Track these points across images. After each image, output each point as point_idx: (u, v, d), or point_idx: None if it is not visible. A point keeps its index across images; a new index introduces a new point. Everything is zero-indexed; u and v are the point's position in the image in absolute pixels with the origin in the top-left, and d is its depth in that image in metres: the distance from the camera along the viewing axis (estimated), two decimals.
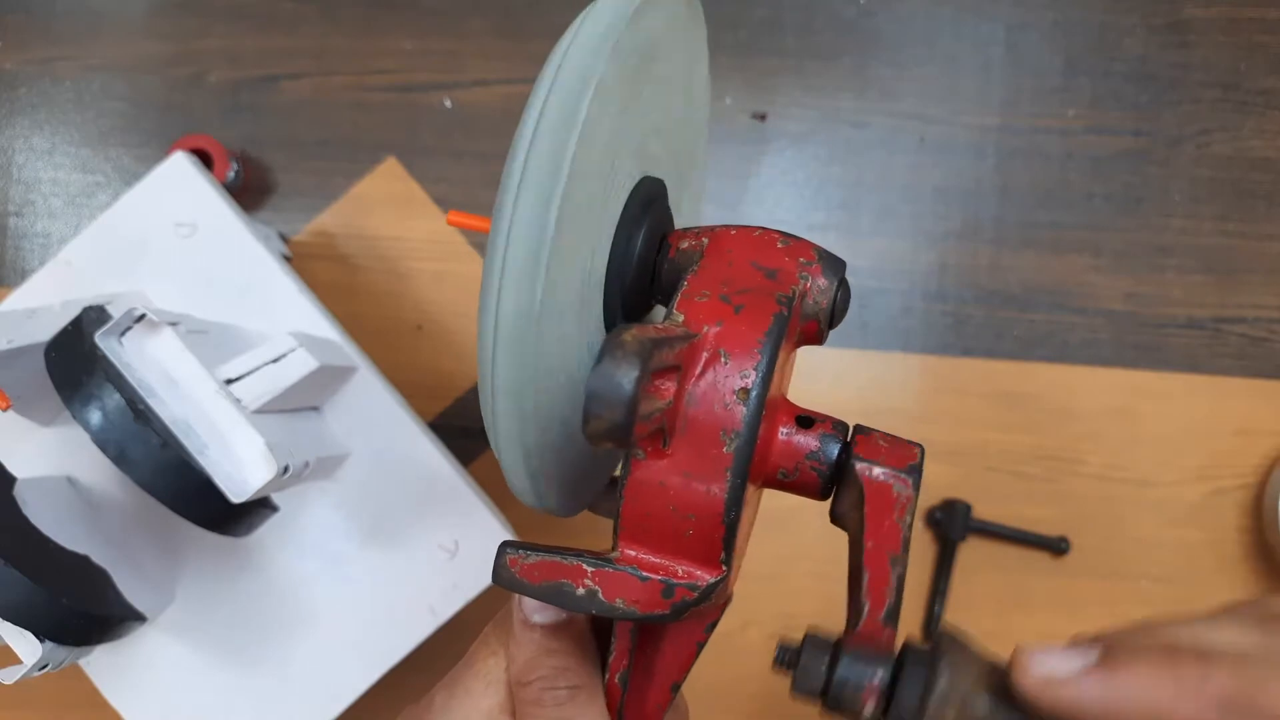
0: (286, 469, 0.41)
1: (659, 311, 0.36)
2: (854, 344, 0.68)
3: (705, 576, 0.27)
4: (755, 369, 0.26)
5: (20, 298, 0.51)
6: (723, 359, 0.26)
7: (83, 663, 0.50)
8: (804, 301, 0.29)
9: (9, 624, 0.40)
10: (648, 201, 0.32)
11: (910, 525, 0.29)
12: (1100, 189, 0.69)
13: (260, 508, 0.46)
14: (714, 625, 0.30)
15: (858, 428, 0.30)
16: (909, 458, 0.29)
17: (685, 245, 0.32)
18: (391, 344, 0.67)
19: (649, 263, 0.32)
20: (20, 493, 0.44)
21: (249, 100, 0.69)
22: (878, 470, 0.28)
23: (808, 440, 0.29)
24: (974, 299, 0.68)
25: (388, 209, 0.68)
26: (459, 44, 0.69)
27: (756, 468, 0.28)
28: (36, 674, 0.41)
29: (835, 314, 0.30)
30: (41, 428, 0.49)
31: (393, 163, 0.68)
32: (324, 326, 0.51)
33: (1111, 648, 0.27)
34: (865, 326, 0.68)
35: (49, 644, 0.41)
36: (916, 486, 0.28)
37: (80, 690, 0.53)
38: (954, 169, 0.69)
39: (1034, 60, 0.69)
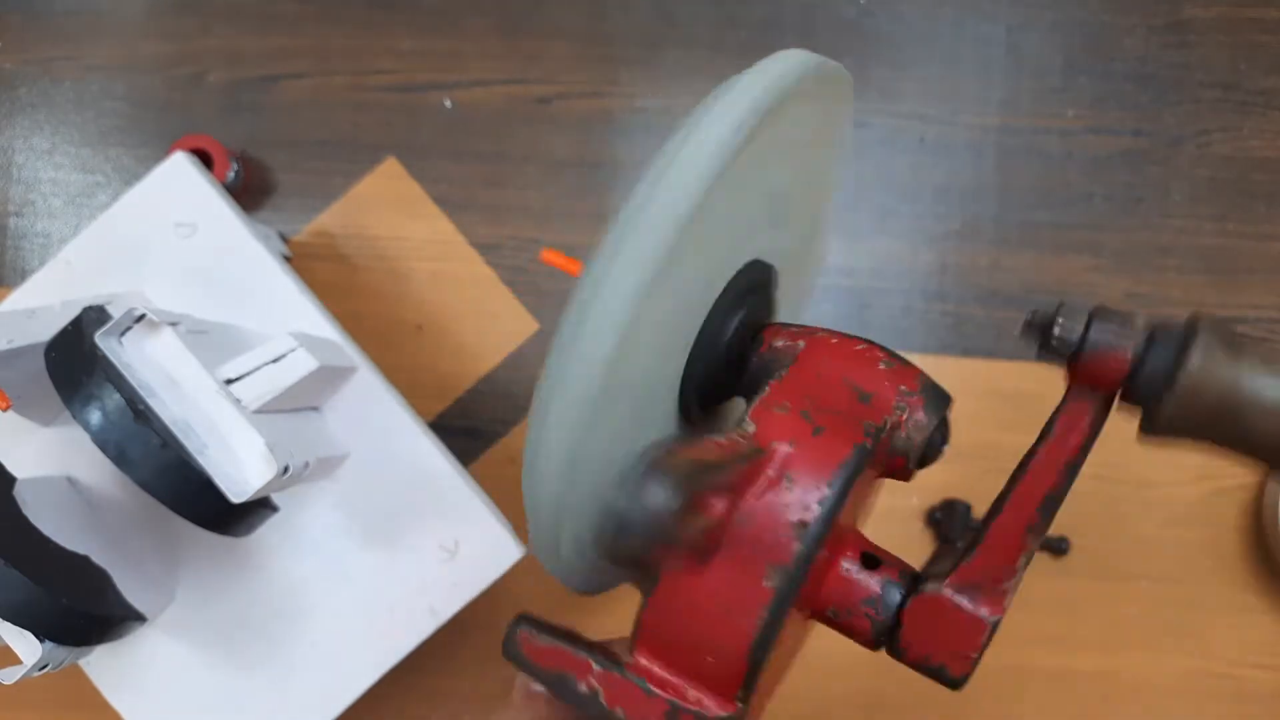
0: (286, 469, 0.41)
1: (738, 405, 0.33)
2: None
3: (716, 709, 0.24)
4: (820, 503, 0.23)
5: (20, 298, 0.51)
6: (787, 483, 0.24)
7: (83, 663, 0.50)
8: (895, 434, 0.26)
9: (9, 624, 0.40)
10: (750, 289, 0.30)
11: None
12: (1100, 189, 0.69)
13: (260, 508, 0.46)
14: None
15: (922, 581, 0.25)
16: (965, 651, 0.25)
17: (780, 343, 0.29)
18: (391, 344, 0.67)
19: (738, 352, 0.30)
20: (20, 493, 0.44)
21: (249, 100, 0.68)
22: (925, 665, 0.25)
23: (868, 582, 0.26)
24: (974, 299, 0.68)
25: (388, 209, 0.68)
26: (459, 44, 0.69)
27: (806, 598, 0.25)
28: (36, 674, 0.41)
29: (929, 454, 0.27)
30: (41, 428, 0.49)
31: (393, 163, 0.68)
32: (324, 326, 0.51)
33: None
34: (865, 326, 0.68)
35: (49, 644, 0.41)
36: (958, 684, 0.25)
37: (80, 690, 0.53)
38: (954, 169, 0.69)
39: (1034, 60, 0.69)
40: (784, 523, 0.23)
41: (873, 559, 0.26)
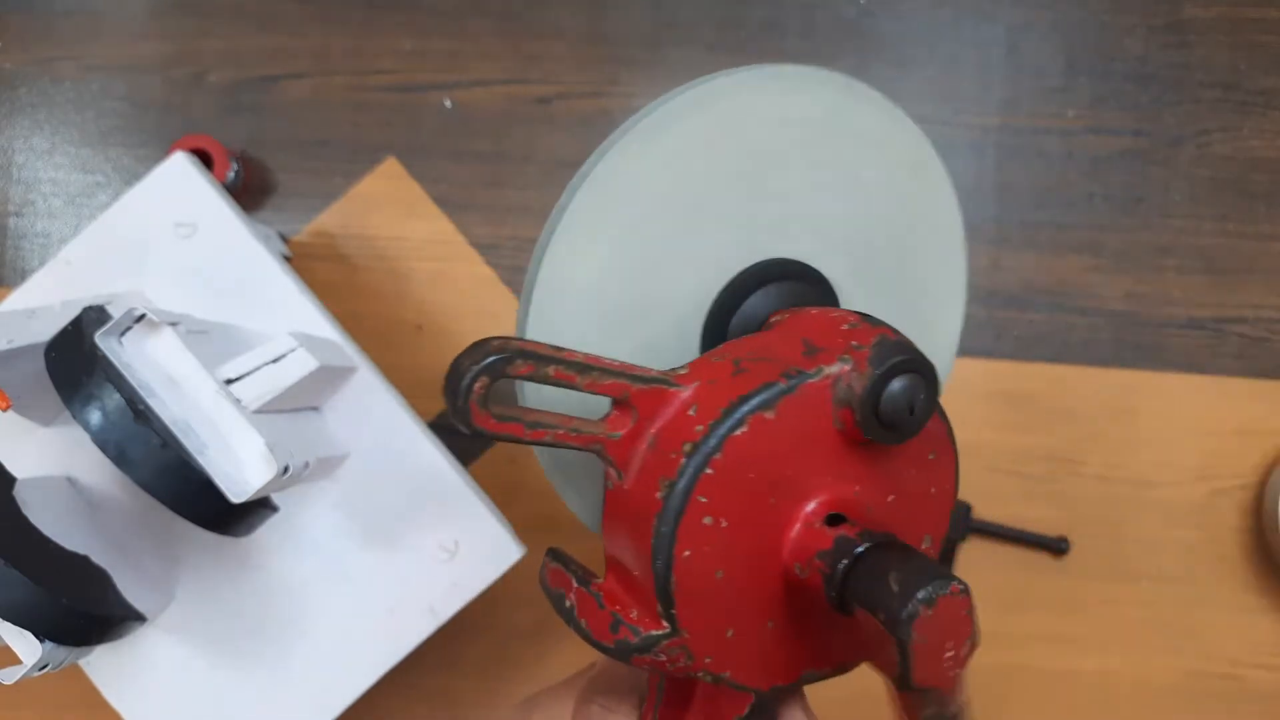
0: (286, 469, 0.41)
1: None
2: None
3: (650, 627, 0.26)
4: (710, 425, 0.25)
5: (20, 298, 0.51)
6: (691, 412, 0.26)
7: (83, 663, 0.50)
8: (837, 385, 0.26)
9: (9, 624, 0.40)
10: (772, 278, 0.31)
11: None
12: (1100, 189, 0.69)
13: (260, 508, 0.46)
14: None
15: (887, 545, 0.25)
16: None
17: (774, 319, 0.31)
18: (391, 344, 0.67)
19: (748, 333, 0.31)
20: (20, 493, 0.44)
21: (249, 100, 0.69)
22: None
23: (824, 536, 0.26)
24: (974, 299, 0.68)
25: (388, 209, 0.68)
26: (459, 44, 0.69)
27: (751, 547, 0.26)
28: (36, 674, 0.41)
29: (884, 410, 0.26)
30: (41, 428, 0.49)
31: (393, 163, 0.68)
32: (324, 326, 0.51)
33: None
34: None
35: (49, 644, 0.41)
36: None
37: (80, 690, 0.53)
38: (954, 169, 0.68)
39: (1034, 60, 0.69)
40: (677, 442, 0.25)
41: (837, 517, 0.27)
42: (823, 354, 0.27)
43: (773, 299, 0.31)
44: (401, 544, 0.51)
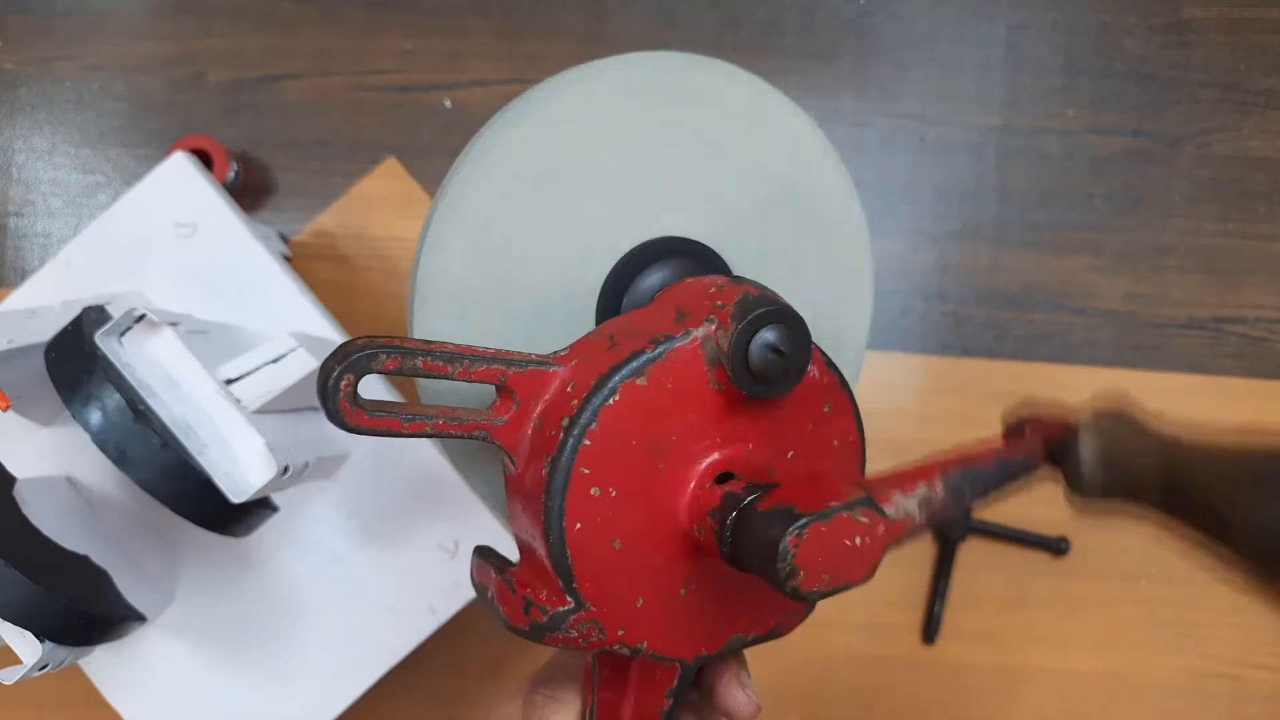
0: (286, 469, 0.41)
1: None
2: None
3: (556, 604, 0.27)
4: (584, 398, 0.26)
5: (20, 298, 0.51)
6: (568, 389, 0.26)
7: (83, 663, 0.50)
8: (705, 344, 0.27)
9: (9, 624, 0.40)
10: (654, 258, 0.32)
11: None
12: (1100, 189, 0.69)
13: (260, 508, 0.46)
14: (674, 693, 0.29)
15: (760, 494, 0.26)
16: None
17: (658, 295, 0.31)
18: None
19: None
20: (20, 493, 0.44)
21: (249, 100, 0.69)
22: None
23: (713, 494, 0.27)
24: (974, 299, 0.68)
25: (388, 209, 0.68)
26: (459, 44, 0.69)
27: (666, 522, 0.27)
28: (36, 674, 0.41)
29: (754, 361, 0.26)
30: (41, 428, 0.49)
31: (393, 163, 0.68)
32: (324, 326, 0.51)
33: None
34: None
35: (49, 644, 0.41)
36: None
37: (80, 690, 0.53)
38: (954, 169, 0.69)
39: (1034, 60, 0.69)
40: (556, 418, 0.26)
41: (727, 474, 0.28)
42: (689, 317, 0.27)
43: (662, 277, 0.32)
44: (401, 544, 0.51)
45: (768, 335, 0.26)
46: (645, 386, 0.26)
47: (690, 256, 0.33)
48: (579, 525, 0.26)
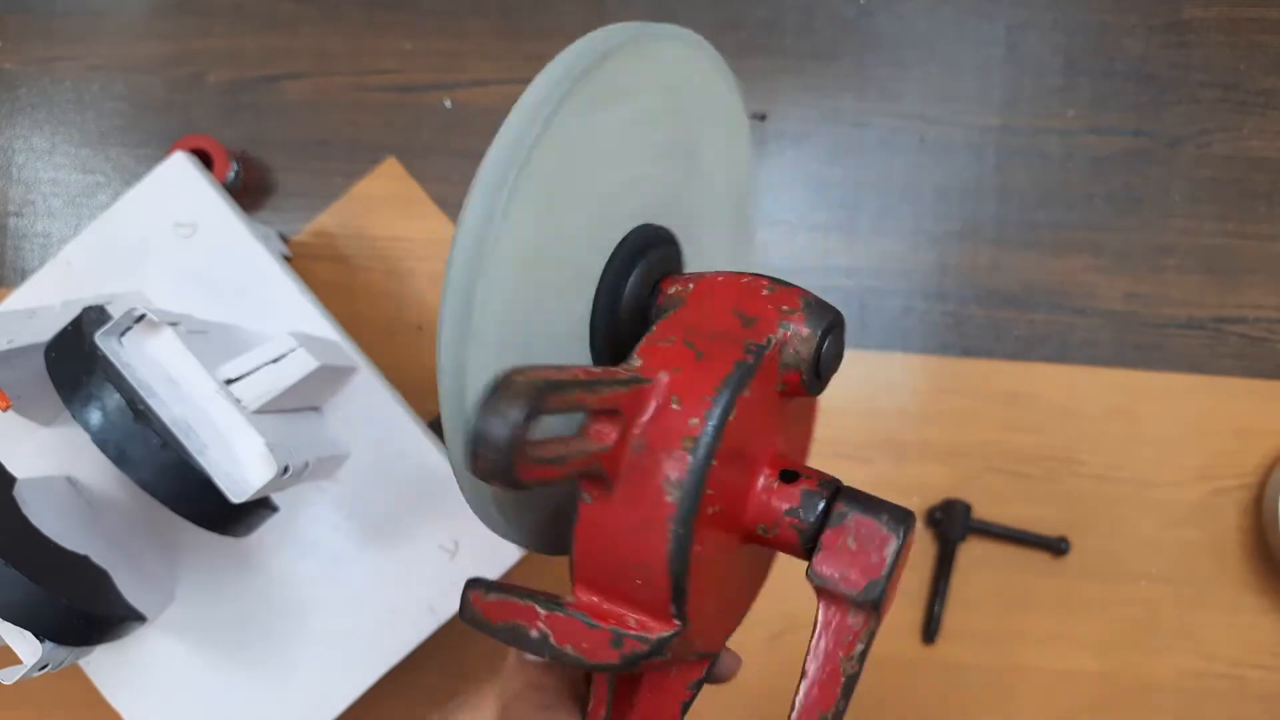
0: (286, 469, 0.41)
1: None
2: (854, 344, 0.68)
3: (657, 629, 0.25)
4: (705, 416, 0.25)
5: (20, 298, 0.51)
6: (674, 405, 0.25)
7: (83, 663, 0.50)
8: (784, 351, 0.27)
9: (9, 624, 0.40)
10: (642, 248, 0.31)
11: (862, 659, 0.27)
12: (1100, 189, 0.69)
13: (260, 508, 0.46)
14: (699, 684, 0.29)
15: (842, 491, 0.27)
16: (875, 567, 0.26)
17: (674, 290, 0.31)
18: (391, 344, 0.67)
19: (637, 306, 0.31)
20: (20, 493, 0.44)
21: (249, 100, 0.69)
22: (835, 585, 0.26)
23: (788, 495, 0.27)
24: (974, 299, 0.68)
25: (388, 209, 0.68)
26: (459, 44, 0.69)
27: (732, 521, 0.27)
28: (36, 674, 0.41)
29: (822, 366, 0.28)
30: (41, 428, 0.49)
31: (393, 163, 0.68)
32: (324, 326, 0.51)
33: None
34: (865, 326, 0.68)
35: (49, 644, 0.41)
36: (877, 604, 0.27)
37: (80, 690, 0.53)
38: (954, 169, 0.69)
39: (1034, 60, 0.69)
40: (675, 440, 0.25)
41: (791, 474, 0.28)
42: (760, 322, 0.28)
43: (650, 268, 0.32)
44: (401, 544, 0.51)
45: (833, 338, 0.28)
46: (749, 398, 0.26)
47: (666, 244, 0.33)
48: (699, 546, 0.25)
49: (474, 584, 0.27)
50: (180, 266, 0.51)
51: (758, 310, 0.28)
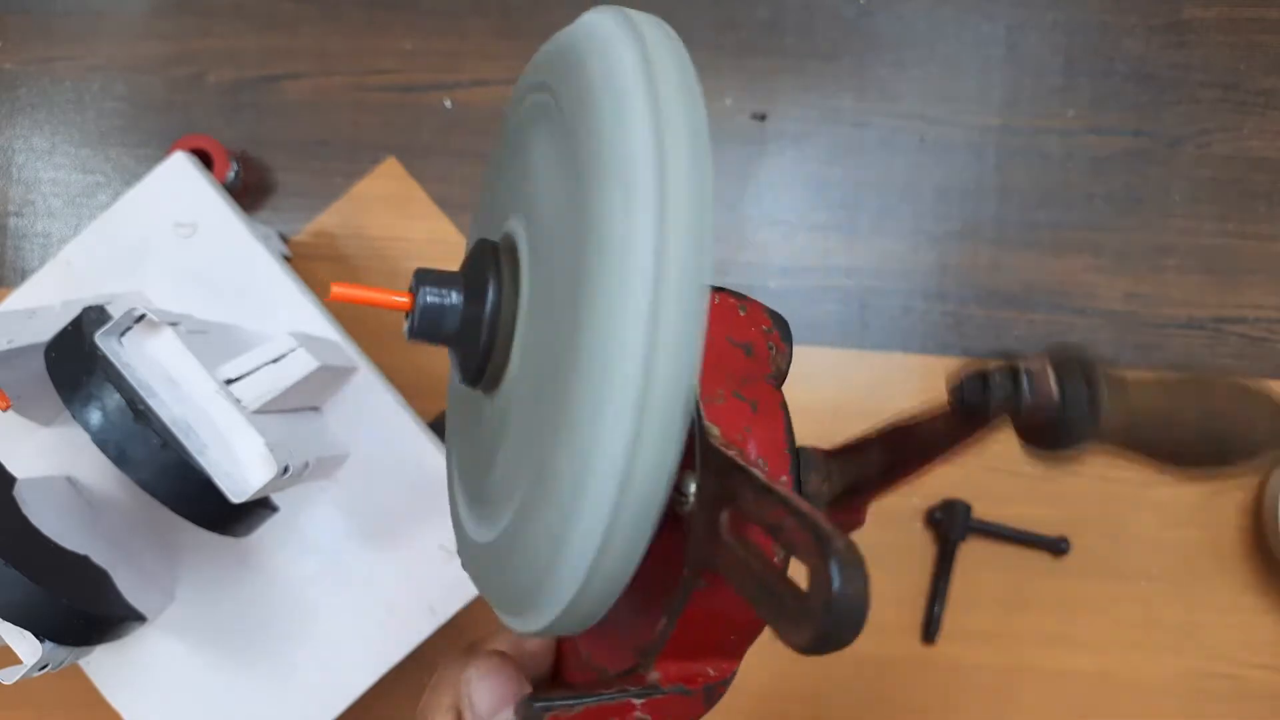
0: (286, 469, 0.41)
1: None
2: (854, 344, 0.68)
3: (730, 667, 0.26)
4: (790, 472, 0.24)
5: (20, 298, 0.51)
6: (761, 465, 0.24)
7: (83, 663, 0.50)
8: (775, 373, 0.28)
9: (9, 624, 0.40)
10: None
11: None
12: (1100, 189, 0.69)
13: (260, 508, 0.46)
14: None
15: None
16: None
17: None
18: (391, 344, 0.67)
19: None
20: (20, 493, 0.44)
21: (249, 100, 0.69)
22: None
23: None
24: (974, 299, 0.68)
25: (388, 209, 0.68)
26: (459, 44, 0.69)
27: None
28: (36, 674, 0.41)
29: (785, 374, 0.28)
30: (41, 428, 0.49)
31: (393, 163, 0.68)
32: (324, 327, 0.51)
33: None
34: (865, 326, 0.68)
35: (49, 644, 0.41)
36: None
37: (80, 690, 0.53)
38: (954, 169, 0.69)
39: (1034, 60, 0.69)
40: (777, 510, 0.23)
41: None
42: (756, 349, 0.27)
43: None
44: (401, 544, 0.51)
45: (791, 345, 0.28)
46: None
47: None
48: None
49: (537, 702, 0.26)
50: (180, 266, 0.51)
51: (747, 336, 0.27)
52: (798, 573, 0.18)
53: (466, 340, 0.24)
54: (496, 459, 0.25)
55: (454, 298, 0.24)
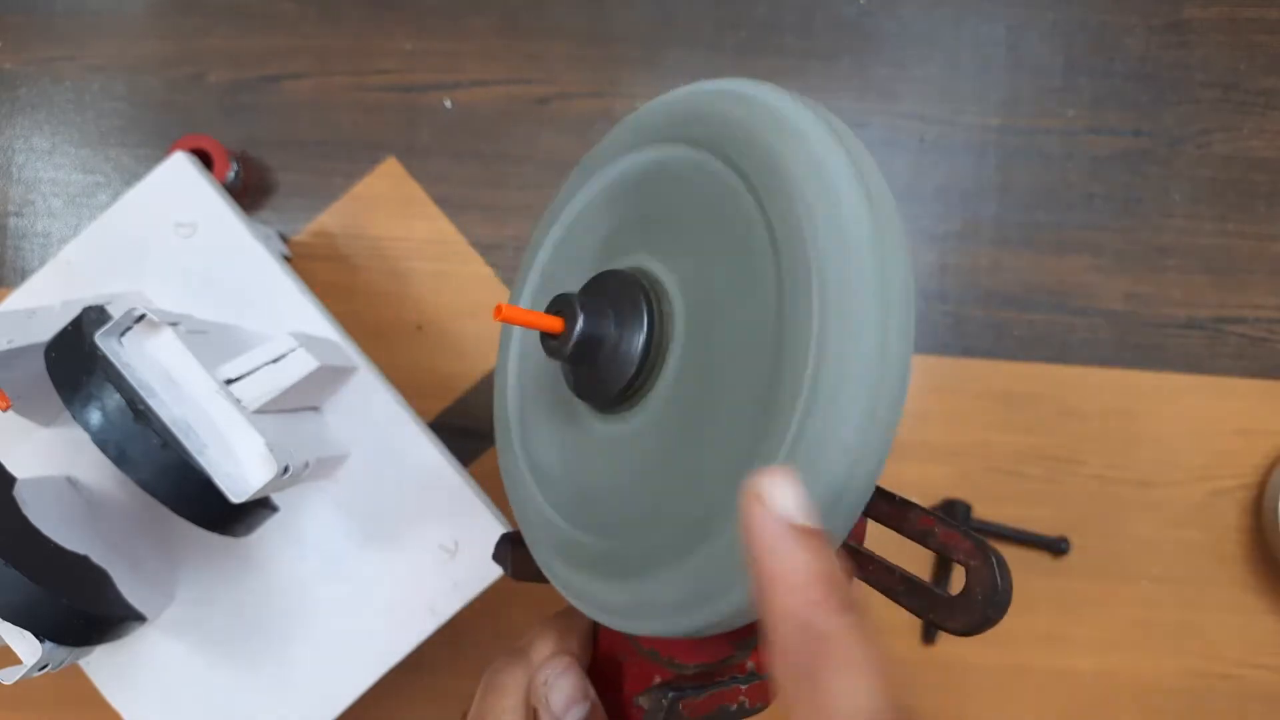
0: (286, 469, 0.41)
1: None
2: None
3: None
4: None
5: (20, 298, 0.51)
6: None
7: (83, 663, 0.50)
8: None
9: (9, 624, 0.40)
10: None
11: None
12: (1100, 189, 0.69)
13: (260, 508, 0.46)
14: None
15: None
16: None
17: None
18: (391, 344, 0.67)
19: None
20: (20, 493, 0.44)
21: (249, 100, 0.69)
22: None
23: None
24: (974, 299, 0.68)
25: (388, 209, 0.68)
26: (459, 44, 0.69)
27: None
28: (36, 674, 0.41)
29: None
30: (41, 428, 0.49)
31: (393, 163, 0.68)
32: (324, 326, 0.51)
33: None
34: None
35: (49, 644, 0.41)
36: None
37: (80, 690, 0.53)
38: (954, 169, 0.69)
39: (1034, 60, 0.69)
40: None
41: None
42: None
43: None
44: (401, 544, 0.51)
45: None
46: None
47: None
48: None
49: (672, 690, 0.28)
50: (180, 266, 0.51)
51: None
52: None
53: (616, 366, 0.27)
54: (624, 479, 0.28)
55: (611, 327, 0.27)
